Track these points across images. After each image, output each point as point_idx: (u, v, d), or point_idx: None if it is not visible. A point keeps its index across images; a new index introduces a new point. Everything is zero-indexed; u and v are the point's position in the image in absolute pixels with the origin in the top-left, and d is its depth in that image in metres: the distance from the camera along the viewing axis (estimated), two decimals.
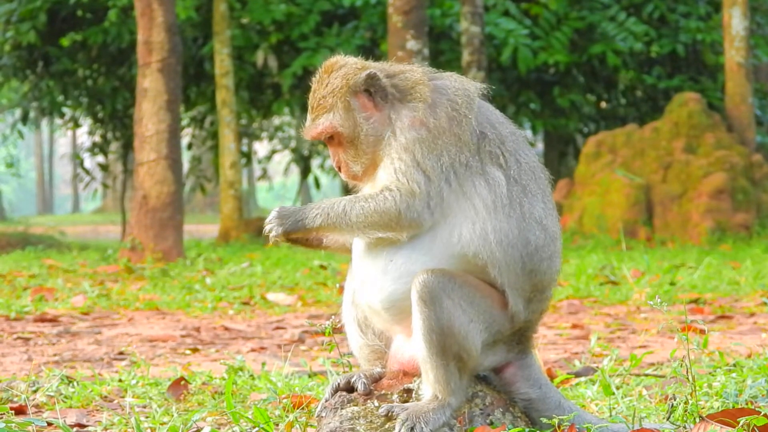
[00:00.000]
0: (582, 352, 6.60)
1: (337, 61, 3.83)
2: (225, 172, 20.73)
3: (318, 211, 3.71)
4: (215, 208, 44.77)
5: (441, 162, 3.65)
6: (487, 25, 20.71)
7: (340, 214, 3.68)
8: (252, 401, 4.80)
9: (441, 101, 3.72)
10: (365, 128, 3.75)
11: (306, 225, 3.72)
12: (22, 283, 11.56)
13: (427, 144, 3.66)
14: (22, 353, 6.88)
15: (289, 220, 3.73)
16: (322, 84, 3.80)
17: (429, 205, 3.64)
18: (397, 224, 3.65)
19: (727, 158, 18.64)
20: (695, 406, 4.03)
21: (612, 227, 18.34)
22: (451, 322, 3.62)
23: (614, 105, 24.72)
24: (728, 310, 8.76)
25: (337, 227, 3.70)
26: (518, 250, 3.70)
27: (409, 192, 3.63)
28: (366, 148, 3.75)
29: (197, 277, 12.02)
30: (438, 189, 3.64)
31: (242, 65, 22.45)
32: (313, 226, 3.72)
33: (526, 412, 3.84)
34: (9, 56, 22.67)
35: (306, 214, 3.72)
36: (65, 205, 69.62)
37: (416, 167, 3.64)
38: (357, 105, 3.77)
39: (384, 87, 3.76)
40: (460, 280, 3.65)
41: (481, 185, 3.68)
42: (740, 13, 19.02)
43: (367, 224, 3.66)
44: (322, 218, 3.70)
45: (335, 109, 3.76)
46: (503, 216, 3.68)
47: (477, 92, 3.80)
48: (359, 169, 3.78)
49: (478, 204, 3.67)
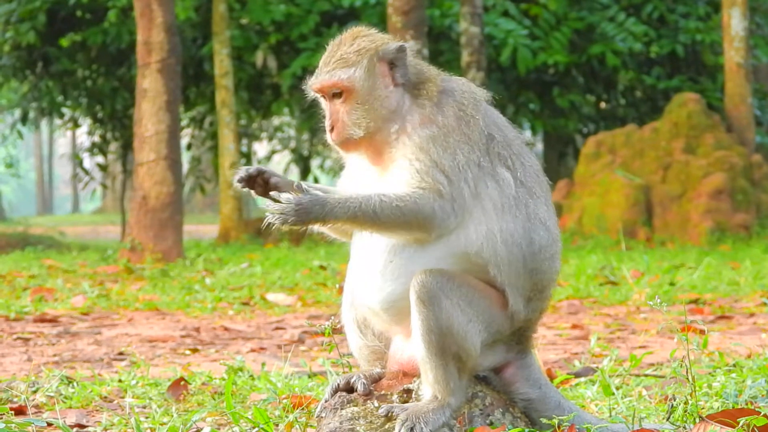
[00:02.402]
0: (582, 353, 6.60)
1: (364, 29, 3.82)
2: (224, 172, 20.72)
3: (343, 208, 3.58)
4: (215, 209, 44.76)
5: (457, 161, 3.64)
6: (487, 25, 20.71)
7: (369, 213, 3.59)
8: (252, 401, 4.80)
9: (448, 101, 3.72)
10: (380, 96, 3.72)
11: (327, 220, 3.61)
12: (21, 283, 11.56)
13: (440, 142, 3.65)
14: (21, 353, 6.88)
15: (310, 215, 3.59)
16: (345, 44, 3.76)
17: (454, 207, 3.63)
18: (429, 225, 3.62)
19: (726, 158, 18.64)
20: (695, 406, 4.03)
21: (612, 227, 18.34)
22: (449, 323, 3.62)
23: (614, 105, 24.72)
24: (728, 311, 8.76)
25: (363, 225, 3.63)
26: (522, 249, 3.71)
27: (437, 193, 3.61)
28: (372, 115, 3.71)
29: (197, 277, 12.02)
30: (459, 190, 3.63)
31: (242, 66, 22.45)
32: (336, 220, 3.62)
33: (526, 413, 3.84)
34: (8, 56, 22.67)
35: (329, 210, 3.58)
36: (65, 206, 69.61)
37: (435, 167, 3.62)
38: (379, 71, 3.76)
39: (407, 65, 3.76)
40: (458, 280, 3.66)
41: (492, 186, 3.69)
42: (739, 14, 19.02)
43: (399, 224, 3.61)
44: (349, 215, 3.59)
45: (358, 66, 3.72)
46: (510, 216, 3.70)
47: (483, 97, 3.81)
48: (356, 135, 3.72)
49: (488, 205, 3.68)
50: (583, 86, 23.75)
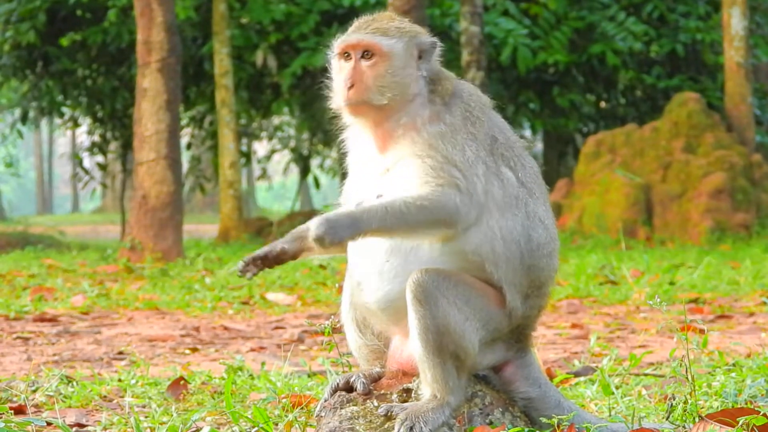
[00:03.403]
0: (581, 352, 6.60)
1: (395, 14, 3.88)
2: (224, 171, 20.72)
3: (371, 216, 3.57)
4: (215, 208, 44.76)
5: (466, 156, 3.66)
6: (487, 24, 20.70)
7: (398, 215, 3.57)
8: (251, 401, 4.80)
9: (456, 102, 3.76)
10: (408, 75, 3.74)
11: (360, 231, 3.58)
12: (21, 282, 11.56)
13: (449, 139, 3.68)
14: (21, 353, 6.88)
15: (346, 231, 3.56)
16: (383, 20, 3.80)
17: (472, 200, 3.64)
18: (455, 220, 3.61)
19: (726, 158, 18.64)
20: (694, 405, 4.04)
21: (611, 227, 18.34)
22: (446, 321, 3.63)
23: (614, 105, 24.72)
24: (728, 310, 8.76)
25: (392, 229, 3.60)
26: (520, 246, 3.73)
27: (456, 187, 3.62)
28: (397, 90, 3.72)
29: (197, 276, 12.02)
30: (473, 184, 3.65)
31: (242, 65, 22.45)
32: (367, 229, 3.58)
33: (526, 412, 3.84)
34: (8, 56, 22.65)
35: (360, 221, 3.56)
36: (65, 205, 69.60)
37: (448, 163, 3.64)
38: (412, 55, 3.78)
39: (432, 61, 3.80)
40: (455, 278, 3.66)
41: (497, 184, 3.72)
42: (740, 13, 19.02)
43: (427, 223, 3.60)
44: (379, 222, 3.57)
45: (398, 39, 3.76)
46: (510, 214, 3.73)
47: (489, 103, 3.86)
48: (375, 101, 3.71)
49: (491, 203, 3.70)
50: (583, 85, 23.74)
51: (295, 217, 21.26)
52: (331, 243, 3.54)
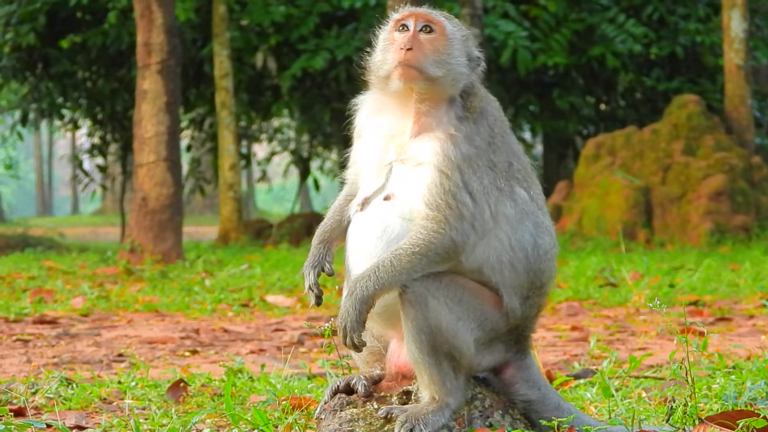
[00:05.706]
0: (581, 354, 6.60)
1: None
2: (224, 173, 20.72)
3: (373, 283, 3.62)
4: (214, 210, 44.76)
5: (483, 184, 3.69)
6: (487, 26, 20.70)
7: (395, 273, 3.61)
8: (251, 403, 4.80)
9: (483, 124, 3.77)
10: (460, 64, 3.77)
11: (371, 298, 3.63)
12: (21, 284, 11.56)
13: (472, 163, 3.69)
14: (21, 355, 6.88)
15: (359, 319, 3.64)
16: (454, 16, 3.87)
17: (474, 225, 3.67)
18: (452, 254, 3.65)
19: (726, 160, 18.63)
20: (694, 408, 4.03)
21: (611, 229, 18.34)
22: (438, 321, 3.64)
23: (613, 107, 24.72)
24: (727, 312, 8.76)
25: (396, 283, 3.63)
26: (527, 253, 3.78)
27: (458, 216, 3.64)
28: (451, 71, 3.74)
29: (196, 278, 12.02)
30: (481, 210, 3.67)
31: (242, 67, 22.45)
32: (376, 292, 3.63)
33: (526, 414, 3.85)
34: (8, 58, 22.65)
35: (362, 301, 3.63)
36: (64, 207, 69.62)
37: (464, 188, 3.66)
38: (464, 52, 3.81)
39: (474, 72, 3.82)
40: (446, 279, 3.68)
41: (508, 205, 3.76)
42: (739, 15, 19.03)
43: (425, 265, 3.63)
44: (380, 286, 3.62)
45: (459, 29, 3.83)
46: (522, 226, 3.78)
47: (508, 126, 3.89)
48: (429, 71, 3.71)
49: (502, 221, 3.74)
50: (583, 88, 23.74)
51: (295, 219, 21.23)
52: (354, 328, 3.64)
